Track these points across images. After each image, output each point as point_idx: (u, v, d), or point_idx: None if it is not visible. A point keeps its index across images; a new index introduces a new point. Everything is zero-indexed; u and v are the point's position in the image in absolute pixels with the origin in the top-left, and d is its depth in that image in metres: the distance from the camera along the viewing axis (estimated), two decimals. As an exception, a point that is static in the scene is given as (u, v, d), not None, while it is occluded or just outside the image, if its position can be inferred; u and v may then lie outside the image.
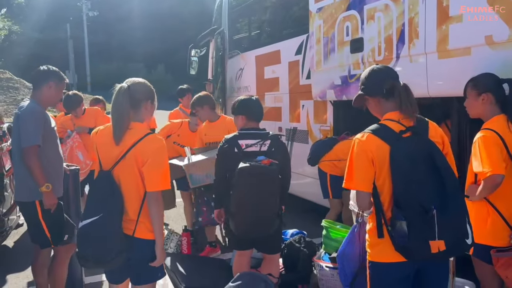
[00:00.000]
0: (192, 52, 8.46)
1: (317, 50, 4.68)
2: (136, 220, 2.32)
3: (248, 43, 6.93)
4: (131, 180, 2.31)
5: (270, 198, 2.85)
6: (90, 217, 2.25)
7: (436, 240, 1.88)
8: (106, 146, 2.34)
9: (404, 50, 3.53)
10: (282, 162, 3.08)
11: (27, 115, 2.98)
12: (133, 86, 2.36)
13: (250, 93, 6.75)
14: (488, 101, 2.56)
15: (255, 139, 3.07)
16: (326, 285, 3.64)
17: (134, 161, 2.29)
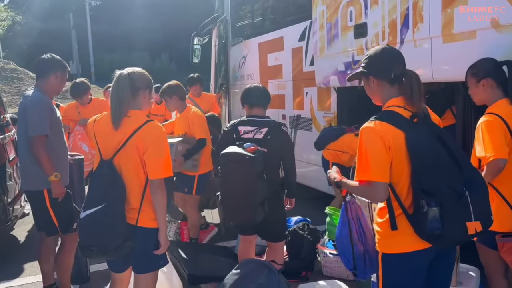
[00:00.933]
0: (194, 40, 8.40)
1: (320, 36, 4.63)
2: (139, 208, 2.31)
3: (251, 30, 6.87)
4: (132, 168, 2.30)
5: (251, 186, 2.81)
6: (92, 207, 2.23)
7: (472, 221, 1.84)
8: (106, 135, 2.33)
9: (409, 35, 3.48)
10: (281, 152, 3.06)
11: (34, 105, 2.99)
12: (133, 74, 2.36)
13: (253, 81, 6.72)
14: (488, 86, 2.52)
15: (253, 126, 3.08)
16: (330, 272, 3.66)
17: (135, 149, 2.28)
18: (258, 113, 3.20)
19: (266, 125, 3.07)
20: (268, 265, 2.67)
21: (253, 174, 2.78)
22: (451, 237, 1.88)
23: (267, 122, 3.11)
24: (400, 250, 1.98)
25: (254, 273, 2.60)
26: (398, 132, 1.91)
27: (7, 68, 21.47)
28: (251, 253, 3.30)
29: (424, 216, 1.86)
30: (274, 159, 3.06)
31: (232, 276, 2.65)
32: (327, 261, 3.68)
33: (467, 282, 2.62)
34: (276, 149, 3.00)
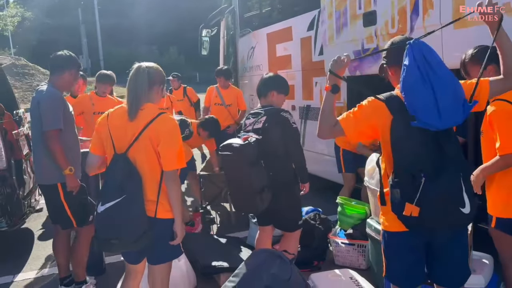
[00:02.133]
0: (203, 32, 8.39)
1: (329, 25, 4.59)
2: (156, 201, 2.33)
3: (259, 21, 6.83)
4: (146, 160, 2.32)
5: (245, 174, 2.84)
6: (110, 201, 2.24)
7: (413, 204, 1.83)
8: (120, 129, 2.35)
9: (419, 22, 3.44)
10: (282, 138, 3.03)
11: (47, 100, 3.03)
12: (151, 69, 2.41)
13: (262, 72, 6.70)
14: (492, 73, 2.43)
15: (254, 117, 3.12)
16: (342, 261, 3.66)
17: (149, 141, 2.30)
18: (263, 103, 3.22)
19: (265, 113, 3.09)
20: (280, 255, 2.68)
21: (244, 162, 2.81)
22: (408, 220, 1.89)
23: (267, 110, 3.12)
24: (387, 229, 2.07)
25: (266, 263, 2.61)
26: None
27: (18, 64, 21.66)
28: (268, 243, 3.30)
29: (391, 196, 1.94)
30: (276, 146, 3.03)
31: (245, 266, 2.66)
32: (339, 251, 3.69)
33: (480, 269, 2.60)
34: (276, 135, 2.99)
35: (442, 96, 1.83)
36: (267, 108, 3.14)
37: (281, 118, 3.05)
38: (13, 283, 3.73)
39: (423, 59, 1.88)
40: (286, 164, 3.11)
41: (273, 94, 3.22)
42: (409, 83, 1.89)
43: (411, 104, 1.90)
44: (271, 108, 3.14)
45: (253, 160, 2.81)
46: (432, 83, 1.84)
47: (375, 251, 3.26)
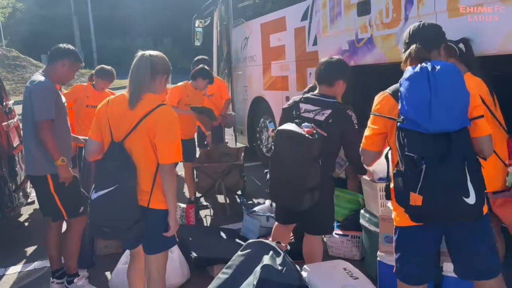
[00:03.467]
0: (196, 22, 8.31)
1: (323, 14, 4.55)
2: (150, 192, 2.33)
3: (252, 11, 6.77)
4: (142, 151, 2.31)
5: (304, 170, 2.58)
6: (104, 189, 2.25)
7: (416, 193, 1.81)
8: (118, 116, 2.33)
9: (413, 11, 3.40)
10: (343, 138, 2.80)
11: (39, 90, 2.99)
12: (154, 58, 2.37)
13: (256, 63, 6.65)
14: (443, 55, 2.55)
15: (316, 106, 2.82)
16: (336, 252, 3.66)
17: (146, 132, 2.28)
18: (324, 91, 2.88)
19: (330, 106, 2.78)
20: (273, 246, 2.66)
21: (308, 157, 2.55)
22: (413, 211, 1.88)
23: (331, 103, 2.81)
24: (398, 224, 2.06)
25: (259, 254, 2.60)
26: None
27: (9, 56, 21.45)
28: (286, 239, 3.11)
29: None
30: (333, 145, 2.81)
31: (238, 257, 2.64)
32: (333, 242, 3.68)
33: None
34: (337, 134, 2.76)
35: (438, 96, 1.80)
36: (332, 101, 2.83)
37: (347, 118, 2.79)
38: (4, 276, 3.70)
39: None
40: (332, 162, 2.93)
41: (340, 83, 2.92)
42: (410, 72, 1.89)
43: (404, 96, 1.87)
44: (336, 102, 2.84)
45: (317, 157, 2.60)
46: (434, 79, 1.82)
47: (369, 242, 3.25)
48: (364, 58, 4.02)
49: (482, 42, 2.83)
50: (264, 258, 2.53)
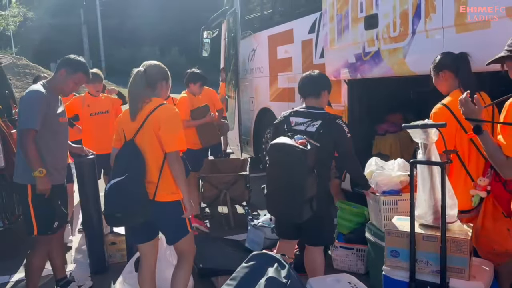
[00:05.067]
0: (204, 34, 8.38)
1: (330, 28, 4.57)
2: (157, 183, 2.59)
3: (260, 23, 6.82)
4: (149, 145, 2.60)
5: (300, 181, 2.61)
6: (116, 178, 2.53)
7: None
8: (128, 122, 2.66)
9: (420, 25, 3.42)
10: (336, 148, 2.87)
11: (28, 98, 2.93)
12: (149, 69, 2.69)
13: (263, 74, 6.69)
14: (445, 78, 2.82)
15: (306, 118, 2.90)
16: (340, 265, 3.64)
17: (151, 126, 2.59)
18: (312, 104, 2.98)
19: (320, 117, 2.88)
20: (278, 258, 2.65)
21: (303, 168, 2.59)
22: None
23: (321, 114, 2.91)
24: None
25: (264, 266, 2.58)
26: None
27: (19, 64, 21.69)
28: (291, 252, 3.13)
29: None
30: (327, 155, 2.87)
31: (242, 269, 2.63)
32: (337, 255, 3.66)
33: (481, 276, 2.57)
34: (330, 144, 2.83)
35: None
36: (321, 112, 2.93)
37: (338, 127, 2.87)
38: (9, 283, 3.70)
39: None
40: (329, 173, 2.97)
41: (325, 94, 3.03)
42: None
43: None
44: (325, 113, 2.94)
45: (312, 167, 2.65)
46: None
47: (374, 256, 3.23)
48: (371, 71, 4.04)
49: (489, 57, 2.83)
50: (269, 270, 2.51)
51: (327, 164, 2.92)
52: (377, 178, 3.15)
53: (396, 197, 3.08)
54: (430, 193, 2.51)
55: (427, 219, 2.56)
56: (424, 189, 2.54)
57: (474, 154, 2.70)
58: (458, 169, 2.72)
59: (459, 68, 2.80)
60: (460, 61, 2.82)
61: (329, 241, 3.17)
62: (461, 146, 2.69)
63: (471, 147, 2.69)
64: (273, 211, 2.96)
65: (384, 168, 3.22)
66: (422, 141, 2.45)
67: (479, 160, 2.71)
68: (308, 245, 3.05)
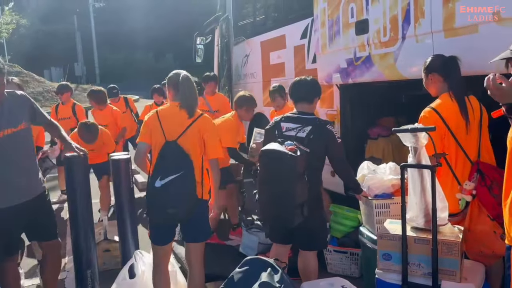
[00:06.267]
0: (197, 39, 8.42)
1: (322, 33, 4.61)
2: (201, 182, 2.81)
3: (253, 29, 6.86)
4: (193, 149, 2.81)
5: (291, 187, 2.64)
6: (169, 176, 2.65)
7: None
8: (171, 122, 2.83)
9: (410, 30, 3.46)
10: (326, 153, 2.91)
11: None
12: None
13: (256, 80, 6.72)
14: (435, 81, 2.88)
15: (296, 123, 2.93)
16: (334, 269, 3.65)
17: (196, 132, 2.83)
18: (303, 109, 3.01)
19: (310, 123, 2.91)
20: (271, 263, 2.66)
21: (293, 174, 2.62)
22: None
23: (311, 120, 2.94)
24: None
25: (257, 271, 2.59)
26: None
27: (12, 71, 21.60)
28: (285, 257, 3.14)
29: None
30: (317, 160, 2.91)
31: (236, 274, 2.63)
32: (331, 258, 3.68)
33: (472, 277, 2.60)
34: (320, 149, 2.86)
35: None
36: (311, 117, 2.97)
37: (328, 132, 2.90)
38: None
39: None
40: (318, 177, 3.00)
41: (317, 100, 3.09)
42: None
43: None
44: (316, 118, 2.98)
45: (302, 173, 2.68)
46: None
47: (368, 259, 3.25)
48: (362, 76, 4.07)
49: (477, 61, 2.88)
50: (262, 275, 2.52)
51: (317, 169, 2.95)
52: (369, 181, 3.18)
53: (388, 200, 3.10)
54: (421, 196, 2.54)
55: (418, 222, 2.59)
56: (415, 192, 2.57)
57: (461, 158, 2.75)
58: (446, 173, 2.76)
59: (448, 72, 2.84)
60: (449, 65, 2.86)
61: (322, 245, 3.20)
62: (449, 150, 2.74)
63: (458, 150, 2.74)
64: (265, 217, 3.00)
65: (376, 172, 3.25)
66: (412, 144, 2.48)
67: (465, 164, 2.76)
68: (301, 249, 3.06)
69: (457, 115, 2.74)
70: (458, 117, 2.74)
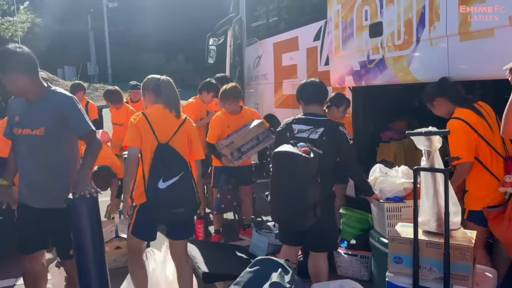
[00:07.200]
0: (210, 40, 8.46)
1: (335, 35, 4.61)
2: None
3: (265, 30, 6.88)
4: (182, 150, 2.89)
5: (304, 188, 2.64)
6: (173, 177, 2.72)
7: None
8: (161, 124, 2.88)
9: (425, 33, 3.44)
10: (338, 154, 2.90)
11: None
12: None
13: (268, 81, 6.73)
14: (440, 104, 3.07)
15: (308, 125, 2.93)
16: (344, 272, 3.64)
17: (185, 134, 2.94)
18: (314, 111, 3.02)
19: (323, 124, 2.91)
20: (282, 263, 2.66)
21: (307, 176, 2.62)
22: None
23: (323, 121, 2.94)
24: None
25: (268, 272, 2.60)
26: None
27: (26, 70, 21.78)
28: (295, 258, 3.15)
29: None
30: (329, 162, 2.90)
31: (246, 274, 2.64)
32: (341, 261, 3.67)
33: (484, 283, 2.58)
34: (332, 151, 2.86)
35: None
36: (323, 119, 2.97)
37: (340, 134, 2.91)
38: (15, 286, 3.72)
39: None
40: (330, 178, 3.00)
41: (325, 102, 3.18)
42: None
43: None
44: (328, 120, 2.98)
45: (315, 175, 2.68)
46: None
47: (378, 262, 3.23)
48: (376, 79, 4.06)
49: (493, 65, 2.86)
50: (273, 275, 2.53)
51: (330, 170, 2.95)
52: (381, 184, 3.17)
53: (400, 204, 3.09)
54: (434, 200, 2.52)
55: (430, 226, 2.57)
56: (428, 196, 2.55)
57: (494, 157, 2.89)
58: (480, 173, 2.89)
59: (447, 91, 3.05)
60: (445, 85, 3.08)
61: (333, 247, 3.19)
62: (483, 153, 2.88)
63: (491, 151, 2.89)
64: (277, 218, 2.99)
65: (388, 175, 3.24)
66: (425, 148, 2.46)
67: (498, 161, 2.90)
68: (312, 251, 3.06)
69: (479, 119, 2.88)
70: (480, 121, 2.88)
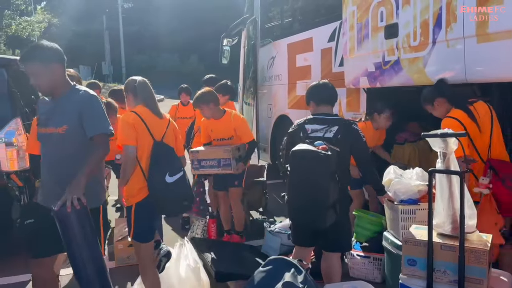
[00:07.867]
0: (224, 41, 8.49)
1: (350, 36, 4.60)
2: None
3: (280, 31, 6.89)
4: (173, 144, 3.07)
5: (324, 186, 2.64)
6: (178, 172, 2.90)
7: None
8: (153, 122, 2.97)
9: (441, 35, 3.42)
10: (351, 151, 2.93)
11: None
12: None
13: (281, 82, 6.74)
14: (440, 103, 3.29)
15: (322, 124, 2.95)
16: (357, 273, 3.63)
17: (173, 131, 3.12)
18: (325, 111, 3.06)
19: (336, 123, 2.94)
20: (295, 263, 2.67)
21: (327, 173, 2.63)
22: None
23: (337, 120, 2.98)
24: None
25: (281, 271, 2.60)
26: None
27: (43, 69, 22.08)
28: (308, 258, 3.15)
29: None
30: (346, 160, 2.93)
31: (259, 273, 2.65)
32: (354, 263, 3.66)
33: (499, 287, 2.55)
34: (348, 148, 2.88)
35: None
36: (336, 118, 3.01)
37: (354, 131, 2.94)
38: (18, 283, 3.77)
39: None
40: (347, 176, 3.01)
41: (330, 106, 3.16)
42: None
43: None
44: (341, 118, 3.03)
45: (334, 172, 2.69)
46: None
47: (391, 264, 3.22)
48: (391, 80, 4.04)
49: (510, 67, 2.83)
50: (286, 275, 2.53)
51: (346, 169, 2.98)
52: (395, 186, 3.15)
53: (414, 206, 3.07)
54: (449, 203, 2.51)
55: (445, 229, 2.55)
56: (443, 199, 2.54)
57: (478, 158, 3.04)
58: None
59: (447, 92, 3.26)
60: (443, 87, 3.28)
61: (347, 248, 3.18)
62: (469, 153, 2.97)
63: (473, 151, 3.03)
64: (296, 218, 2.95)
65: (403, 177, 3.22)
66: (441, 150, 2.45)
67: (480, 163, 3.06)
68: (326, 251, 3.06)
69: (469, 121, 3.06)
70: (471, 123, 3.05)
